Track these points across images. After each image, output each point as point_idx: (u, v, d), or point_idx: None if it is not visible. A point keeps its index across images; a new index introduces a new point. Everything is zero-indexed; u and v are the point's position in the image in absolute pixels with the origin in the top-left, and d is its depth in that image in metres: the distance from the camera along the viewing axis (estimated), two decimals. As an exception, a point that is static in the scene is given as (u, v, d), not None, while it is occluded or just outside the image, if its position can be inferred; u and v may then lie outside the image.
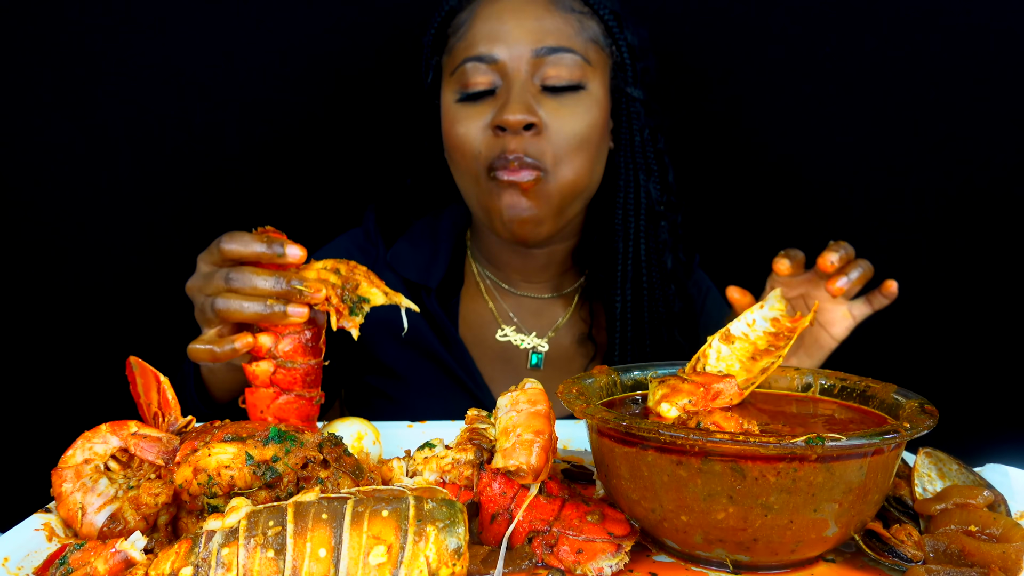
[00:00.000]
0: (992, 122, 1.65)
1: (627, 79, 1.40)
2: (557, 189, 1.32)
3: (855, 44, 1.65)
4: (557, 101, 1.31)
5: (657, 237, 1.45)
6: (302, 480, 0.85)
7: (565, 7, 1.33)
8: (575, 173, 1.32)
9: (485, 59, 1.30)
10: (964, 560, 0.81)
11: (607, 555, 0.82)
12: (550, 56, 1.29)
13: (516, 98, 1.27)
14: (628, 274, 1.42)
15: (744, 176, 1.74)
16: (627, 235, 1.43)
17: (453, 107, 1.35)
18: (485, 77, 1.31)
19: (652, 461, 0.80)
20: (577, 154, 1.31)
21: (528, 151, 1.28)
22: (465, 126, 1.32)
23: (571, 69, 1.30)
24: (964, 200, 1.69)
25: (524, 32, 1.29)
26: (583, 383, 0.96)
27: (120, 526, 0.84)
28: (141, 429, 0.91)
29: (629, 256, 1.42)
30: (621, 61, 1.39)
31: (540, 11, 1.31)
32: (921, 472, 0.95)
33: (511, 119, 1.26)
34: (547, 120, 1.29)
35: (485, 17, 1.32)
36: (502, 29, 1.30)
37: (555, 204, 1.33)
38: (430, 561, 0.72)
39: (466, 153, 1.33)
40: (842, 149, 1.71)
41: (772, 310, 1.00)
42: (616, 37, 1.38)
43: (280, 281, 0.97)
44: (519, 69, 1.29)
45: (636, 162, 1.42)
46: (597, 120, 1.34)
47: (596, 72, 1.35)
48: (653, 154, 1.44)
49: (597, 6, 1.36)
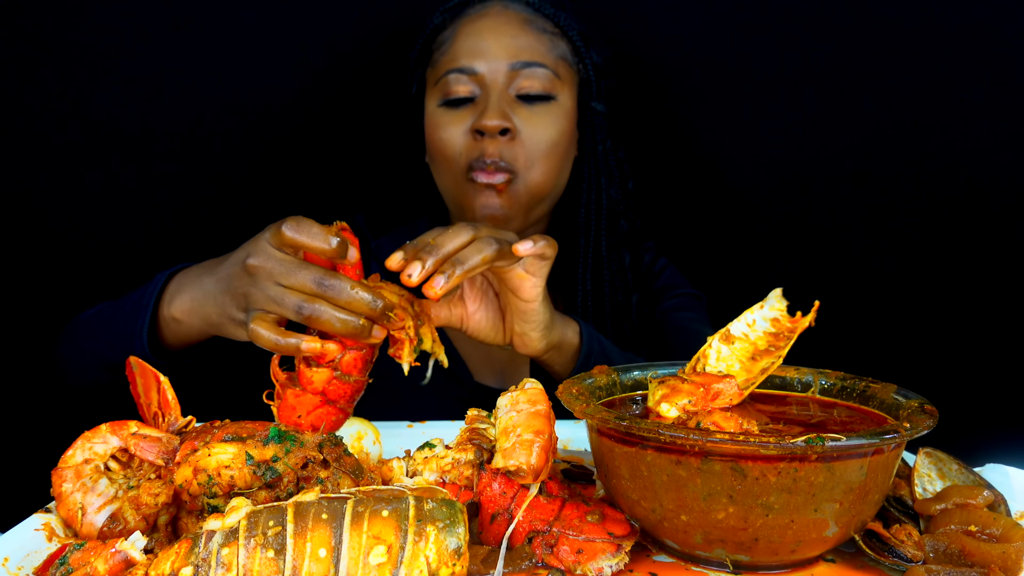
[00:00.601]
0: (991, 121, 1.65)
1: (592, 94, 1.54)
2: (526, 190, 1.44)
3: (823, 50, 1.68)
4: (530, 110, 1.44)
5: (617, 235, 1.58)
6: (302, 480, 0.85)
7: (538, 27, 1.48)
8: (543, 176, 1.46)
9: (466, 71, 1.44)
10: (964, 560, 0.81)
11: (607, 555, 0.82)
12: (524, 70, 1.44)
13: (493, 106, 1.41)
14: (588, 266, 1.55)
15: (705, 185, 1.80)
16: (588, 232, 1.56)
17: (436, 112, 1.47)
18: (466, 87, 1.44)
19: (652, 461, 0.80)
20: (546, 159, 1.45)
21: (503, 155, 1.41)
22: (447, 130, 1.45)
23: (543, 82, 1.44)
24: (964, 199, 1.69)
25: (501, 48, 1.44)
26: (583, 383, 0.96)
27: (120, 526, 0.84)
28: (141, 429, 0.91)
29: (590, 251, 1.55)
30: (587, 77, 1.53)
31: (516, 30, 1.46)
32: (921, 472, 0.95)
33: (489, 124, 1.39)
34: (520, 127, 1.43)
35: (467, 34, 1.46)
36: (482, 45, 1.44)
37: (523, 203, 1.45)
38: (430, 561, 0.72)
39: (447, 154, 1.45)
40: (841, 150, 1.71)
41: (772, 310, 1.00)
42: (583, 56, 1.52)
43: (377, 302, 0.96)
44: (496, 80, 1.43)
45: (599, 168, 1.56)
46: (565, 129, 1.48)
47: (565, 86, 1.49)
48: (615, 162, 1.58)
49: (567, 28, 1.50)
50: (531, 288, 1.12)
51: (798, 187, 1.75)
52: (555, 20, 1.49)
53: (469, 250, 1.00)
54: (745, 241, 1.80)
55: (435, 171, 1.52)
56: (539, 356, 1.23)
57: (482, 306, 1.18)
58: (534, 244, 1.06)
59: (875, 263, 1.75)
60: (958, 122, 1.67)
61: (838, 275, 1.76)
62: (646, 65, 1.74)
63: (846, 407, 0.96)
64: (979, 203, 1.68)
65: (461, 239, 1.01)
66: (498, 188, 1.42)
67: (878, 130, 1.69)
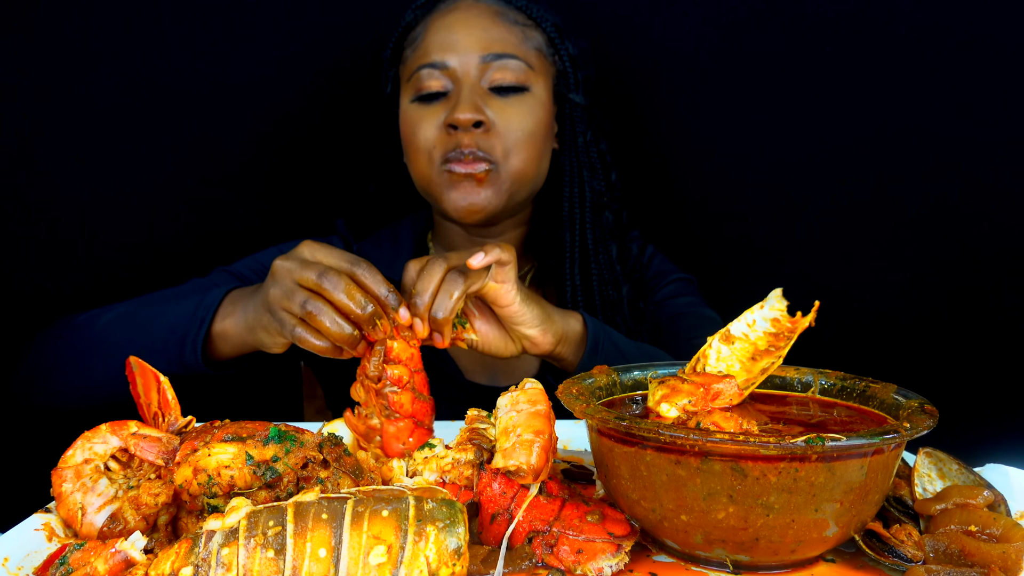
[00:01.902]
0: (992, 121, 1.65)
1: (569, 85, 1.53)
2: (507, 177, 1.44)
3: (818, 47, 1.68)
4: (503, 101, 1.43)
5: (602, 227, 1.57)
6: (302, 480, 0.85)
7: (510, 19, 1.47)
8: (523, 163, 1.45)
9: (438, 65, 1.43)
10: (964, 560, 0.81)
11: (607, 555, 0.82)
12: (496, 62, 1.43)
13: (465, 99, 1.40)
14: (576, 260, 1.54)
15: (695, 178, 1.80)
16: (573, 225, 1.55)
17: (410, 108, 1.47)
18: (438, 81, 1.44)
19: (651, 461, 0.80)
20: (524, 147, 1.44)
21: (480, 147, 1.40)
22: (420, 125, 1.45)
23: (516, 73, 1.44)
24: (963, 199, 1.69)
25: (472, 41, 1.43)
26: (583, 383, 0.96)
27: (120, 526, 0.84)
28: (141, 429, 0.91)
29: (576, 245, 1.54)
30: (564, 69, 1.52)
31: (487, 23, 1.45)
32: (921, 472, 0.95)
33: (461, 117, 1.39)
34: (494, 119, 1.42)
35: (437, 29, 1.46)
36: (452, 39, 1.44)
37: (505, 190, 1.44)
38: (430, 561, 0.72)
39: (421, 149, 1.45)
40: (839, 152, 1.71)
41: (772, 310, 1.00)
42: (558, 47, 1.51)
43: (368, 307, 1.00)
44: (468, 74, 1.42)
45: (580, 161, 1.55)
46: (541, 119, 1.47)
47: (540, 77, 1.48)
48: (596, 154, 1.57)
49: (540, 19, 1.49)
50: (506, 294, 1.14)
51: (797, 186, 1.75)
52: (527, 12, 1.48)
53: (441, 296, 1.05)
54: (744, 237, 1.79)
55: (412, 168, 1.51)
56: (551, 352, 1.24)
57: (485, 324, 1.20)
58: (485, 255, 1.08)
59: (875, 263, 1.74)
60: (958, 122, 1.67)
61: (838, 275, 1.76)
62: (630, 57, 1.73)
63: (846, 407, 0.96)
64: (979, 203, 1.68)
65: (437, 277, 1.05)
66: (478, 178, 1.41)
67: (877, 128, 1.69)
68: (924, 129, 1.68)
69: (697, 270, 1.71)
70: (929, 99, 1.66)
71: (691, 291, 1.64)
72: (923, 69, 1.65)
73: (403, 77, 1.51)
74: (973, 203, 1.68)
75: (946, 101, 1.66)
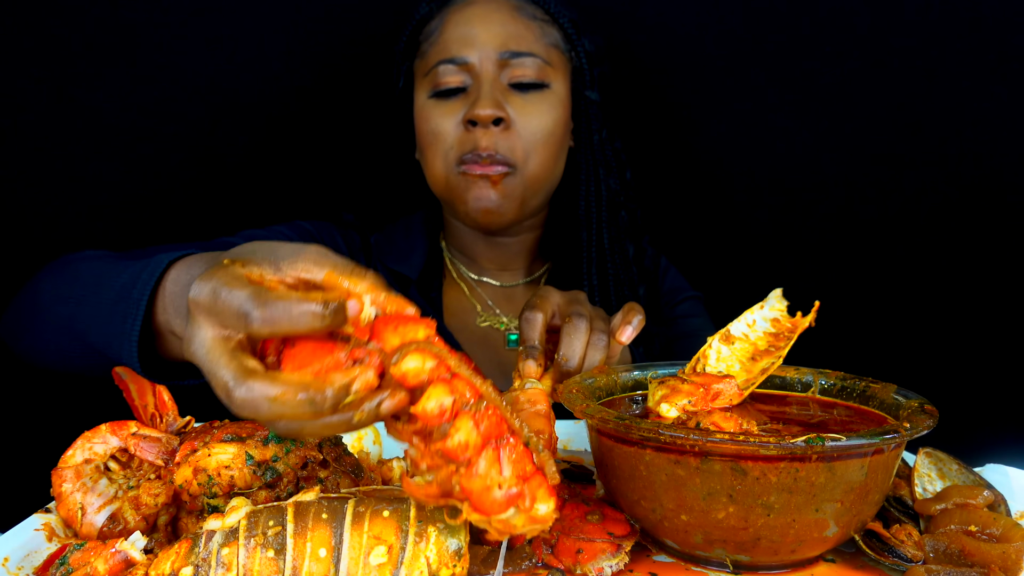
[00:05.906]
0: (993, 121, 1.65)
1: (585, 82, 1.51)
2: (523, 182, 1.42)
3: (827, 45, 1.68)
4: (523, 98, 1.41)
5: (618, 226, 1.55)
6: (302, 480, 0.85)
7: (528, 15, 1.45)
8: (541, 166, 1.43)
9: (456, 61, 1.41)
10: (964, 560, 0.81)
11: (607, 555, 0.82)
12: (514, 59, 1.41)
13: (486, 95, 1.38)
14: (593, 260, 1.52)
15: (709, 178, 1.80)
16: (590, 225, 1.53)
17: (427, 104, 1.44)
18: (456, 77, 1.41)
19: (651, 460, 0.80)
20: (543, 148, 1.42)
21: (499, 148, 1.38)
22: (438, 121, 1.42)
23: (535, 70, 1.42)
24: (963, 199, 1.69)
25: (491, 36, 1.41)
26: (583, 383, 0.96)
27: (120, 526, 0.84)
28: (141, 429, 0.91)
29: (593, 244, 1.52)
30: (580, 66, 1.50)
31: (505, 18, 1.43)
32: (921, 472, 0.95)
33: (482, 113, 1.36)
34: (514, 116, 1.39)
35: (455, 23, 1.43)
36: (471, 33, 1.41)
37: (519, 195, 1.43)
38: (430, 562, 0.72)
39: (439, 147, 1.42)
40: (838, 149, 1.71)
41: (772, 310, 1.00)
42: (575, 43, 1.49)
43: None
44: (488, 69, 1.40)
45: (596, 159, 1.53)
46: (560, 117, 1.45)
47: (558, 73, 1.46)
48: (611, 152, 1.55)
49: (557, 15, 1.47)
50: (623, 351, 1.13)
51: (798, 185, 1.75)
52: (545, 7, 1.46)
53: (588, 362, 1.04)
54: (744, 237, 1.79)
55: (425, 165, 1.48)
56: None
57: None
58: (634, 328, 1.07)
59: (875, 263, 1.75)
60: (959, 123, 1.67)
61: (838, 275, 1.76)
62: (642, 53, 1.73)
63: (846, 407, 0.96)
64: (979, 203, 1.68)
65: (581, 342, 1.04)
66: (493, 180, 1.38)
67: (879, 129, 1.69)
68: (926, 130, 1.68)
69: (697, 270, 1.71)
70: (931, 100, 1.66)
71: (701, 311, 1.63)
72: (925, 69, 1.66)
73: (418, 72, 1.48)
74: (974, 203, 1.68)
75: (948, 101, 1.66)
